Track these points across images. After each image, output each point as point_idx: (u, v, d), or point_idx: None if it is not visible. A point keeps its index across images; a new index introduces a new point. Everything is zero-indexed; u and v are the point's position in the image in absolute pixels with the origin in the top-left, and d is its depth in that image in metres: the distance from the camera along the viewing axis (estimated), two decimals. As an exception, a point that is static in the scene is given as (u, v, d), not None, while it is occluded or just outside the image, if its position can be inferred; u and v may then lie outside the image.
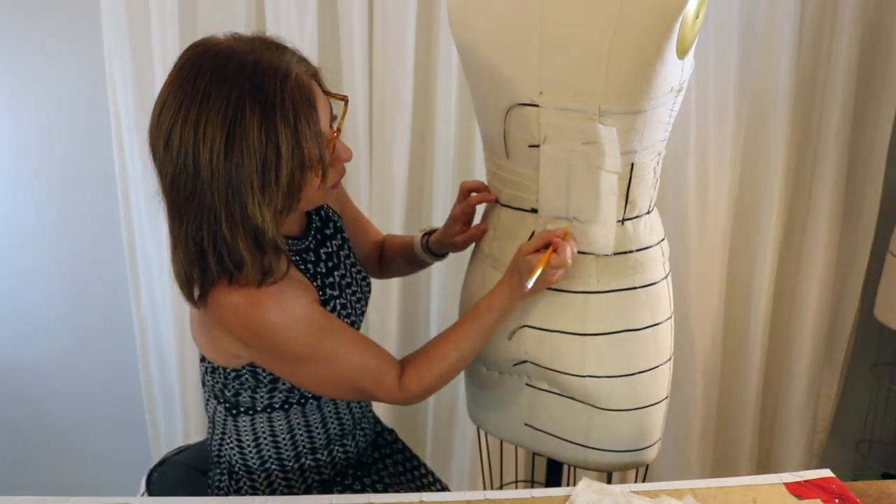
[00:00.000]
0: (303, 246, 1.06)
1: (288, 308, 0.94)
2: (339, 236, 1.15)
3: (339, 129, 0.95)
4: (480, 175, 1.72)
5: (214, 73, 0.84)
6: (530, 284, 0.99)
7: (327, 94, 0.95)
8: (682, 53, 0.98)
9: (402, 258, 1.32)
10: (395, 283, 1.83)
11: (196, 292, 0.95)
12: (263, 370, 1.02)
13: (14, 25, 1.69)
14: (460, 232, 1.21)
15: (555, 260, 1.00)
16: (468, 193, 1.20)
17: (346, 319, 1.07)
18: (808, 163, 1.88)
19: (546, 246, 1.02)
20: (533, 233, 1.10)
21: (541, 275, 0.99)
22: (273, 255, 0.93)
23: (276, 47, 0.90)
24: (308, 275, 1.04)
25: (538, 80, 1.00)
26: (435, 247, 1.26)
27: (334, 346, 1.00)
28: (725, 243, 1.88)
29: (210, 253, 0.90)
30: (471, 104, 1.68)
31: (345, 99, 0.97)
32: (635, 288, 1.09)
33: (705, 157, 1.80)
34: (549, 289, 1.10)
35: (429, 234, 1.27)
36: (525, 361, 1.16)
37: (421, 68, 1.72)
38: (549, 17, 0.96)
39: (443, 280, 1.85)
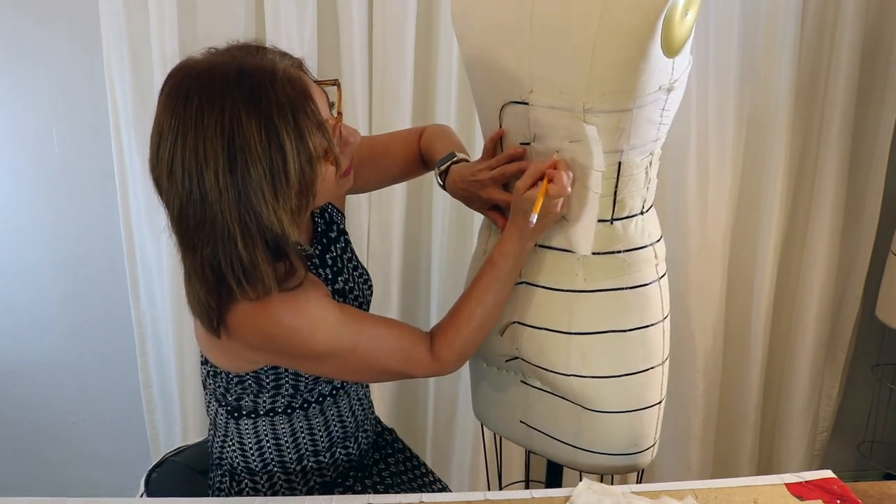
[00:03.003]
0: (309, 252, 1.05)
1: (300, 308, 0.93)
2: (342, 239, 1.14)
3: (339, 113, 0.93)
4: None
5: (202, 93, 0.82)
6: (534, 219, 0.96)
7: (316, 82, 0.93)
8: (671, 52, 0.98)
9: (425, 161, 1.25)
10: (394, 282, 1.83)
11: (215, 321, 0.93)
12: (267, 375, 1.02)
13: (13, 25, 1.69)
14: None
15: (552, 189, 0.97)
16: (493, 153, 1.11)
17: None
18: (810, 163, 1.88)
19: (542, 178, 0.99)
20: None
21: (542, 208, 0.97)
22: (294, 269, 0.92)
23: (256, 50, 0.88)
24: (321, 279, 1.04)
25: (529, 78, 1.01)
26: (450, 189, 1.15)
27: (355, 336, 0.99)
28: (726, 243, 1.88)
29: (230, 276, 0.88)
30: (471, 103, 1.69)
31: (336, 83, 0.94)
32: (623, 289, 1.09)
33: (706, 157, 1.80)
34: (537, 286, 1.10)
35: (444, 172, 1.16)
36: (516, 358, 1.16)
37: (421, 68, 1.72)
38: (539, 16, 0.97)
39: (443, 280, 1.85)
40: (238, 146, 0.81)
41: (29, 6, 1.68)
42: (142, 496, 1.21)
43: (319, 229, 1.10)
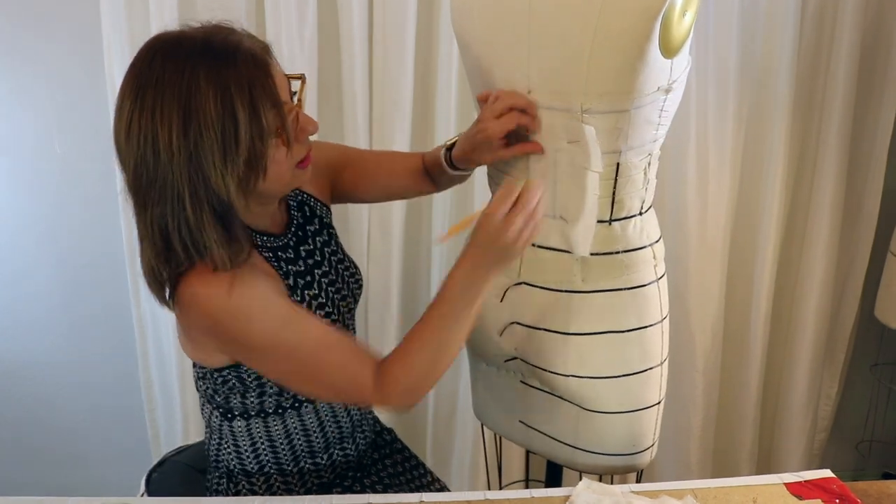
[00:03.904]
0: (280, 243, 1.05)
1: (243, 291, 0.92)
2: (325, 232, 1.13)
3: (300, 100, 0.95)
4: (480, 175, 1.72)
5: (167, 58, 0.85)
6: (444, 233, 0.97)
7: (286, 76, 0.94)
8: (668, 53, 0.98)
9: (442, 175, 1.22)
10: (394, 283, 1.83)
11: (167, 292, 0.94)
12: (248, 374, 1.01)
13: (14, 26, 1.69)
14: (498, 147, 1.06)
15: (510, 208, 0.91)
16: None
17: (326, 318, 1.05)
18: (809, 162, 1.88)
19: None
20: None
21: (495, 230, 0.91)
22: (239, 243, 0.92)
23: (226, 29, 0.91)
24: (280, 272, 1.02)
25: (527, 79, 1.01)
26: (460, 164, 1.16)
27: (297, 338, 0.95)
28: (725, 243, 1.88)
29: (175, 239, 0.89)
30: (471, 104, 1.69)
31: (301, 77, 0.96)
32: (621, 290, 1.09)
33: (705, 157, 1.80)
34: (535, 286, 1.10)
35: (450, 147, 1.16)
36: (515, 358, 1.16)
37: (421, 68, 1.72)
38: (537, 17, 0.97)
39: (443, 280, 1.84)
40: (193, 110, 0.84)
41: (30, 7, 1.68)
42: (142, 496, 1.21)
43: (296, 222, 1.09)
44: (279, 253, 1.04)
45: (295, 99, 0.95)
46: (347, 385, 0.98)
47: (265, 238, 1.03)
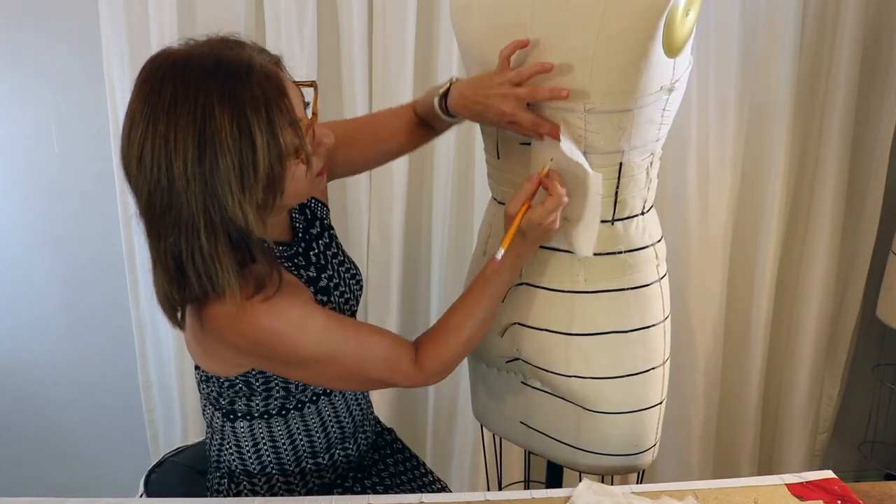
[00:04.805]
0: (292, 251, 1.05)
1: (283, 312, 0.92)
2: (326, 234, 1.13)
3: (315, 113, 0.92)
4: (480, 175, 1.72)
5: (178, 81, 0.81)
6: (500, 255, 0.98)
7: (295, 83, 0.92)
8: (671, 52, 0.97)
9: (437, 120, 1.16)
10: (394, 282, 1.82)
11: (178, 313, 0.93)
12: (256, 379, 1.01)
13: (13, 25, 1.69)
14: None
15: (550, 203, 0.97)
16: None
17: None
18: (810, 162, 1.88)
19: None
20: None
21: (539, 224, 0.98)
22: (264, 264, 0.90)
23: (235, 44, 0.87)
24: (301, 280, 1.03)
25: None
26: (458, 112, 1.09)
27: (341, 343, 0.98)
28: (727, 243, 1.88)
29: (189, 268, 0.87)
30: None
31: (313, 84, 0.94)
32: (624, 289, 1.09)
33: (706, 157, 1.80)
34: (538, 287, 1.10)
35: (445, 95, 1.10)
36: (517, 359, 1.16)
37: (421, 68, 1.72)
38: (539, 18, 0.97)
39: (443, 280, 1.85)
40: (208, 137, 0.81)
41: (29, 7, 1.68)
42: (141, 496, 1.21)
43: (300, 226, 1.08)
44: (294, 260, 1.04)
45: (309, 111, 0.92)
46: (388, 375, 1.04)
47: (281, 248, 1.02)
